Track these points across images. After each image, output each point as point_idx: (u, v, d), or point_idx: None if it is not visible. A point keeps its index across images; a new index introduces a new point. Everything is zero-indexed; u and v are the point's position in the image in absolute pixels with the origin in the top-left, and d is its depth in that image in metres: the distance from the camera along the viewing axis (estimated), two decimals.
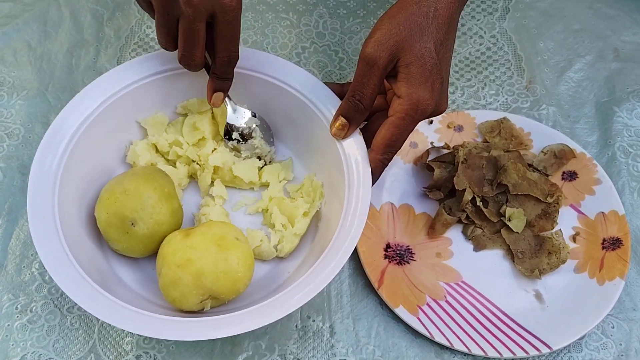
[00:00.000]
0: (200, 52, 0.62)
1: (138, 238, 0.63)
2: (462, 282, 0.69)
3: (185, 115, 0.73)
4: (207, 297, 0.60)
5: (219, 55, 0.63)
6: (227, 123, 0.70)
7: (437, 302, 0.67)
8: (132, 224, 0.62)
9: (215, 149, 0.71)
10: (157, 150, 0.72)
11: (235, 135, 0.71)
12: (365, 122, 0.66)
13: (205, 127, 0.71)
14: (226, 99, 0.69)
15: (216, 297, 0.60)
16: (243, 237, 0.63)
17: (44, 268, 0.58)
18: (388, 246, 0.70)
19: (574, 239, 0.71)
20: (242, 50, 0.70)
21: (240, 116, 0.71)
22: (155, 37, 0.84)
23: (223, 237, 0.61)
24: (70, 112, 0.65)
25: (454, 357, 0.65)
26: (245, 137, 0.71)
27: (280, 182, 0.71)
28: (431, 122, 0.77)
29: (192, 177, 0.73)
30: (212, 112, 0.73)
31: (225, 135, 0.71)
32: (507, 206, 0.71)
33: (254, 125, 0.71)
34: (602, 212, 0.71)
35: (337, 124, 0.63)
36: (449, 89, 0.64)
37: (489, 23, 0.87)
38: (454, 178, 0.70)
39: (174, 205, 0.65)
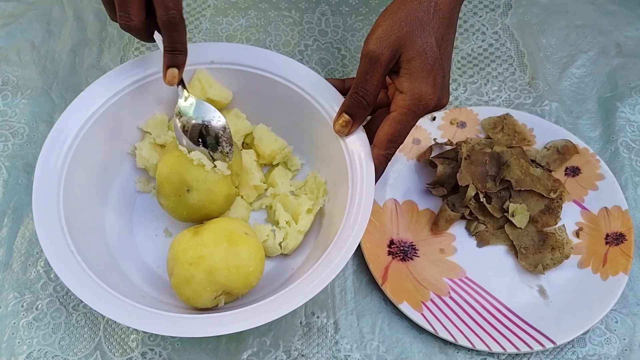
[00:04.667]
0: (135, 9, 0.58)
1: (187, 205, 0.63)
2: (466, 277, 0.69)
3: None
4: (221, 293, 0.60)
5: (158, 17, 0.58)
6: (178, 109, 0.63)
7: (441, 298, 0.67)
8: (188, 190, 0.62)
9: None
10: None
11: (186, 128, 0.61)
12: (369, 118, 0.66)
13: None
14: (179, 86, 0.63)
15: (230, 292, 0.60)
16: (252, 232, 0.64)
17: (50, 266, 0.58)
18: (392, 242, 0.70)
19: (577, 234, 0.71)
20: (246, 48, 0.71)
21: (202, 112, 0.62)
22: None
23: (232, 232, 0.61)
24: (74, 111, 0.65)
25: (457, 352, 0.65)
26: (205, 140, 0.62)
27: (289, 179, 0.72)
28: (434, 119, 0.77)
29: None
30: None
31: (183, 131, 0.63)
32: (510, 202, 0.71)
33: (219, 125, 0.60)
34: (605, 208, 0.71)
35: (341, 120, 0.64)
36: (451, 85, 0.65)
37: (491, 19, 0.87)
38: (457, 174, 0.70)
39: (230, 190, 0.65)
